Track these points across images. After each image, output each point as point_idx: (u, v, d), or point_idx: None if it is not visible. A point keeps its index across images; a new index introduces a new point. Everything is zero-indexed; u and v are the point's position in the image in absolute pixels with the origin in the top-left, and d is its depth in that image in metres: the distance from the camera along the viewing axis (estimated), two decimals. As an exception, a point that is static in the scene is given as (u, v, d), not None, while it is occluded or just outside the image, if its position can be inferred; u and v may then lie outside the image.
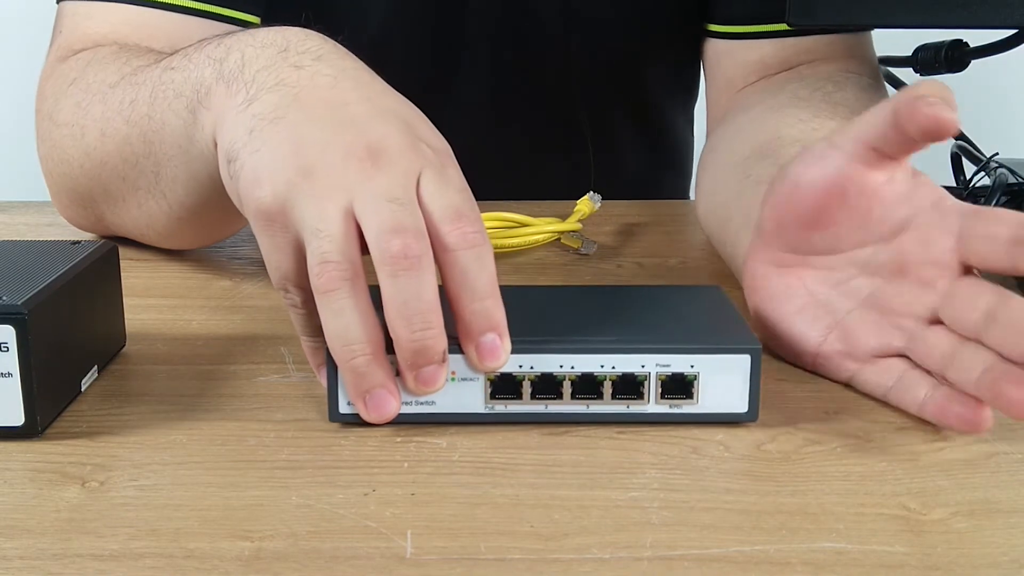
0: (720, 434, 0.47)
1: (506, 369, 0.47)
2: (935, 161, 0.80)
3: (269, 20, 0.92)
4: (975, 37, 0.66)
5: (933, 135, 0.45)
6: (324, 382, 0.48)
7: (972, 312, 0.46)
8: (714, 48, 0.85)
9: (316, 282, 0.45)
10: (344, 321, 0.45)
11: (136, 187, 0.64)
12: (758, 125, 0.70)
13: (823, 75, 0.76)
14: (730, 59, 0.83)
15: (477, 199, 0.48)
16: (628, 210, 0.82)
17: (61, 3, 0.76)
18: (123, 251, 0.56)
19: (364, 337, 0.45)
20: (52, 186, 0.72)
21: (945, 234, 0.47)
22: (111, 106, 0.63)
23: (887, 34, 0.63)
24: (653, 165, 0.98)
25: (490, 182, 0.94)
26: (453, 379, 0.47)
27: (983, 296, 0.45)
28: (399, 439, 0.47)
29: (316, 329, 0.47)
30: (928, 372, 0.48)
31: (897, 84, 0.75)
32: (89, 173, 0.66)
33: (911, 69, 0.70)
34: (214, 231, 0.68)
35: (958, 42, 0.67)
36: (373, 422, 0.47)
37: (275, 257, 0.47)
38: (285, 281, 0.47)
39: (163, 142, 0.59)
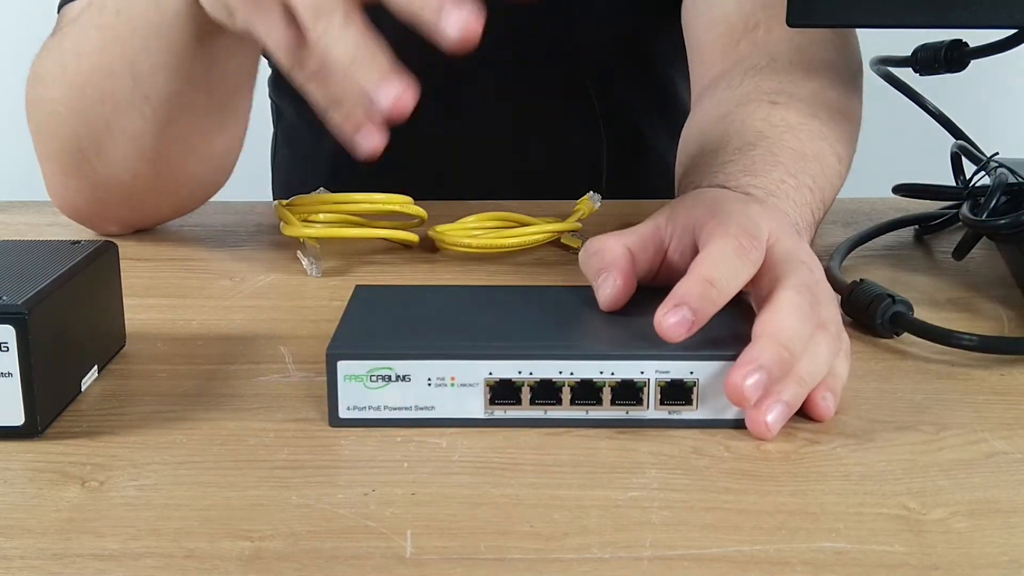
0: (720, 434, 0.47)
1: (505, 375, 0.47)
2: (936, 161, 0.81)
3: None
4: (975, 37, 0.66)
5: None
6: (365, 142, 0.47)
7: None
8: (687, 10, 0.85)
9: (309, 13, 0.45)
10: (350, 38, 0.44)
11: (116, 103, 0.64)
12: (702, 124, 0.73)
13: (768, 47, 0.76)
14: (698, 19, 0.83)
15: (492, 185, 0.48)
16: (628, 210, 0.82)
17: (64, 7, 0.77)
18: (123, 251, 0.56)
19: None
20: (43, 152, 0.72)
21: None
22: (82, 25, 0.65)
23: (887, 34, 0.63)
24: (668, 135, 0.98)
25: (505, 163, 0.94)
26: (452, 384, 0.47)
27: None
28: (399, 439, 0.47)
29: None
30: None
31: (897, 84, 0.75)
32: (73, 108, 0.67)
33: (911, 69, 0.70)
34: (201, 132, 0.67)
35: (958, 42, 0.67)
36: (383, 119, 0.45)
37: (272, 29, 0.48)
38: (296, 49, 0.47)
39: (134, 29, 0.60)
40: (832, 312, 0.50)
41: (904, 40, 0.68)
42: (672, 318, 0.46)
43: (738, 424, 0.47)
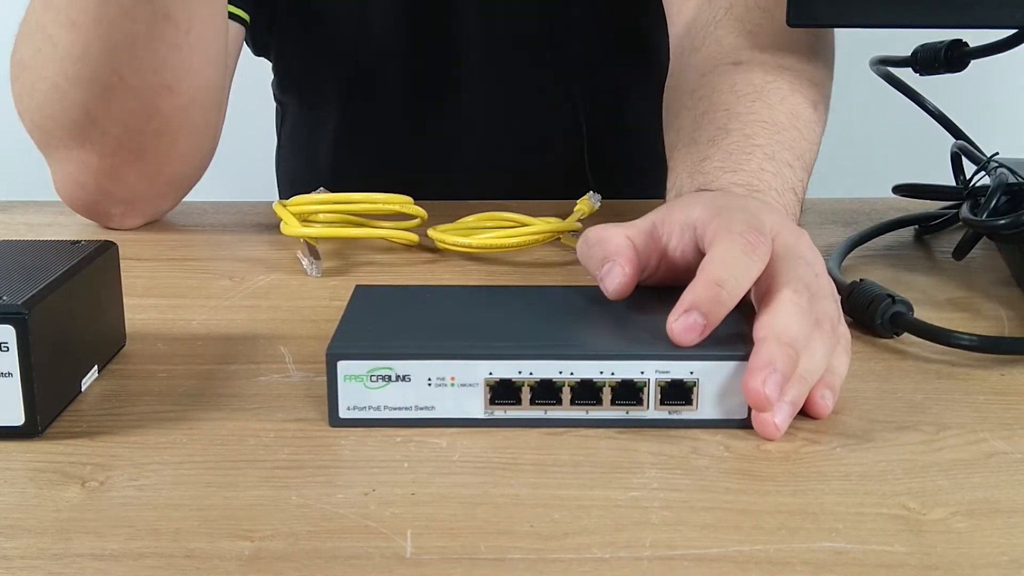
0: (720, 434, 0.47)
1: (505, 375, 0.47)
2: (936, 161, 0.81)
3: (272, 16, 0.94)
4: (975, 37, 0.66)
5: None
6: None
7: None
8: None
9: None
10: None
11: (117, 37, 0.67)
12: (674, 102, 0.73)
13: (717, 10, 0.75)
14: None
15: (484, 163, 0.48)
16: (628, 209, 0.82)
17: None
18: (123, 251, 0.56)
19: None
20: (47, 136, 0.73)
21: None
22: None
23: (887, 34, 0.63)
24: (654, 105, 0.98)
25: (496, 141, 0.95)
26: (452, 384, 0.47)
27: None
28: (399, 439, 0.47)
29: None
30: None
31: (897, 84, 0.75)
32: (78, 75, 0.69)
33: (911, 69, 0.70)
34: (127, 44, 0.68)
35: (958, 42, 0.67)
36: None
37: None
38: None
39: None
40: (829, 308, 0.50)
41: (904, 40, 0.68)
42: (683, 323, 0.46)
43: (738, 424, 0.47)
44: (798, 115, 0.66)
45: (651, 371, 0.47)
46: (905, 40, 0.68)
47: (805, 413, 0.48)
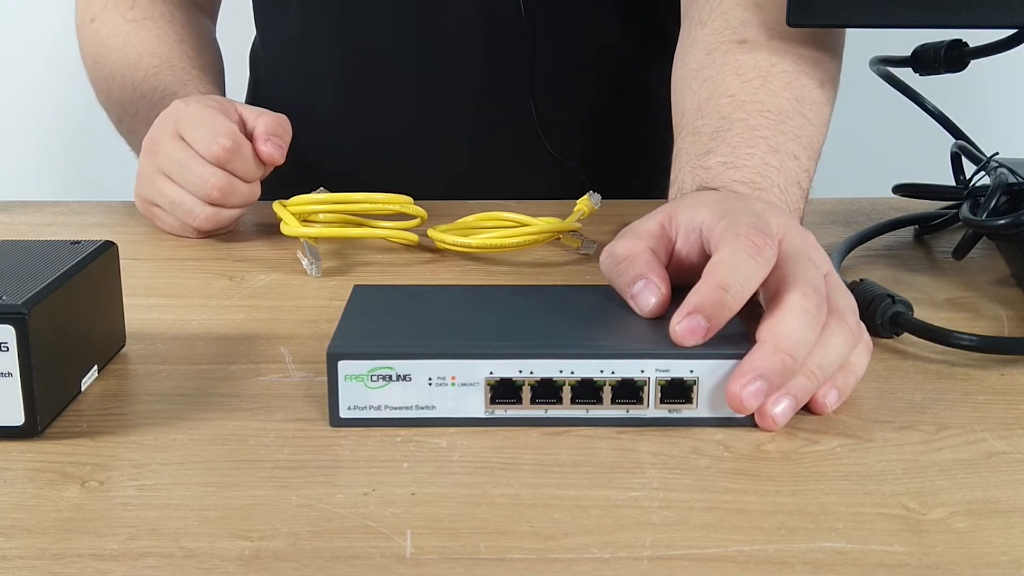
0: (720, 434, 0.47)
1: (506, 374, 0.47)
2: (936, 161, 0.81)
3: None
4: (975, 37, 0.66)
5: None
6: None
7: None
8: None
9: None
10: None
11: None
12: (679, 80, 0.72)
13: None
14: None
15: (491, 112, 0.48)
16: (628, 209, 0.82)
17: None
18: (123, 251, 0.56)
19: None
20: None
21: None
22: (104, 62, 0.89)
23: (887, 34, 0.63)
24: (644, 55, 0.96)
25: (494, 105, 0.94)
26: (453, 384, 0.47)
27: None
28: (399, 439, 0.47)
29: None
30: None
31: (897, 84, 0.75)
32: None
33: (911, 69, 0.70)
34: None
35: (958, 42, 0.67)
36: None
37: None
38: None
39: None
40: (849, 301, 0.50)
41: (904, 40, 0.68)
42: (686, 325, 0.46)
43: (738, 422, 0.47)
44: (804, 99, 0.66)
45: (651, 370, 0.47)
46: (905, 40, 0.68)
47: (806, 406, 0.48)
